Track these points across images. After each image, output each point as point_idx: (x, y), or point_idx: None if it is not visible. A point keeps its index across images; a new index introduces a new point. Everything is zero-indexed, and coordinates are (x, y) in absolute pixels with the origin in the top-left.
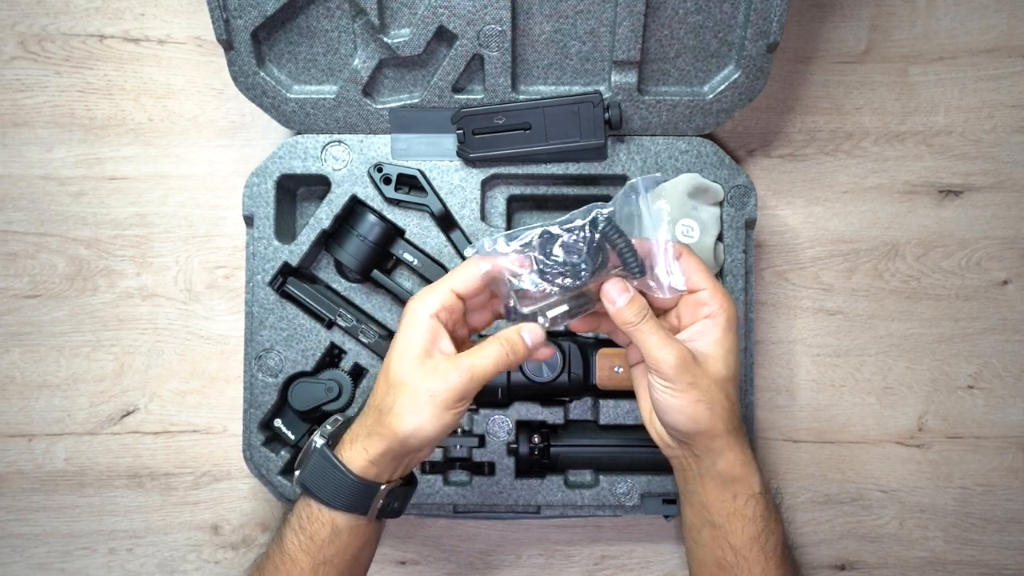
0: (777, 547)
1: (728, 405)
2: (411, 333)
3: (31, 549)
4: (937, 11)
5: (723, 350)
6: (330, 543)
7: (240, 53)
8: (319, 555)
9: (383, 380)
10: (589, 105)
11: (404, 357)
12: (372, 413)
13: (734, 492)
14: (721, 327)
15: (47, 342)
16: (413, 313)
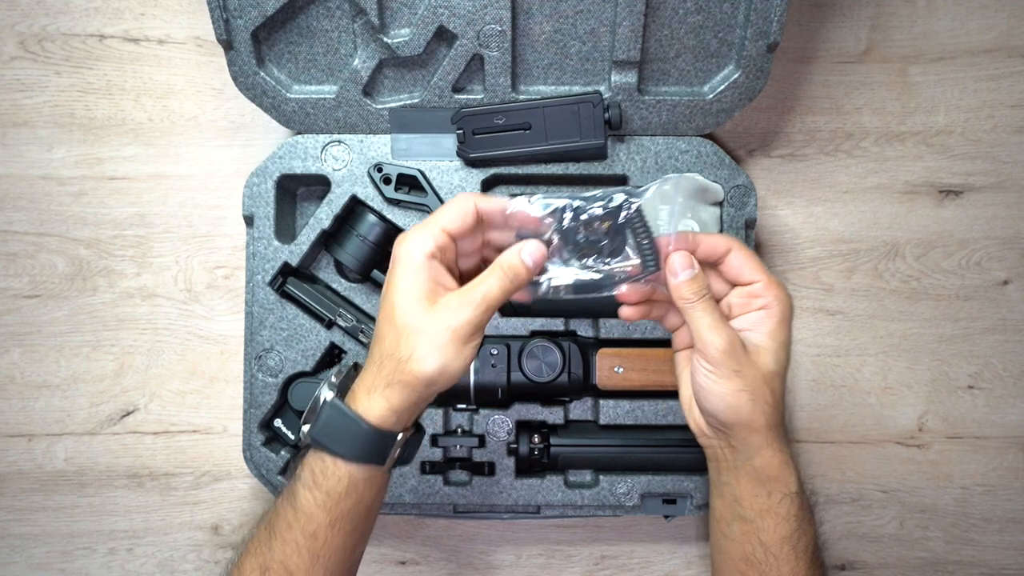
0: (808, 548)
1: (772, 400)
2: (411, 277)
3: (31, 549)
4: (937, 11)
5: (775, 343)
6: (347, 496)
7: (240, 53)
8: (335, 510)
9: (389, 329)
10: (589, 105)
11: (410, 302)
12: (388, 363)
13: (769, 489)
14: (775, 319)
15: (47, 342)
16: (409, 255)
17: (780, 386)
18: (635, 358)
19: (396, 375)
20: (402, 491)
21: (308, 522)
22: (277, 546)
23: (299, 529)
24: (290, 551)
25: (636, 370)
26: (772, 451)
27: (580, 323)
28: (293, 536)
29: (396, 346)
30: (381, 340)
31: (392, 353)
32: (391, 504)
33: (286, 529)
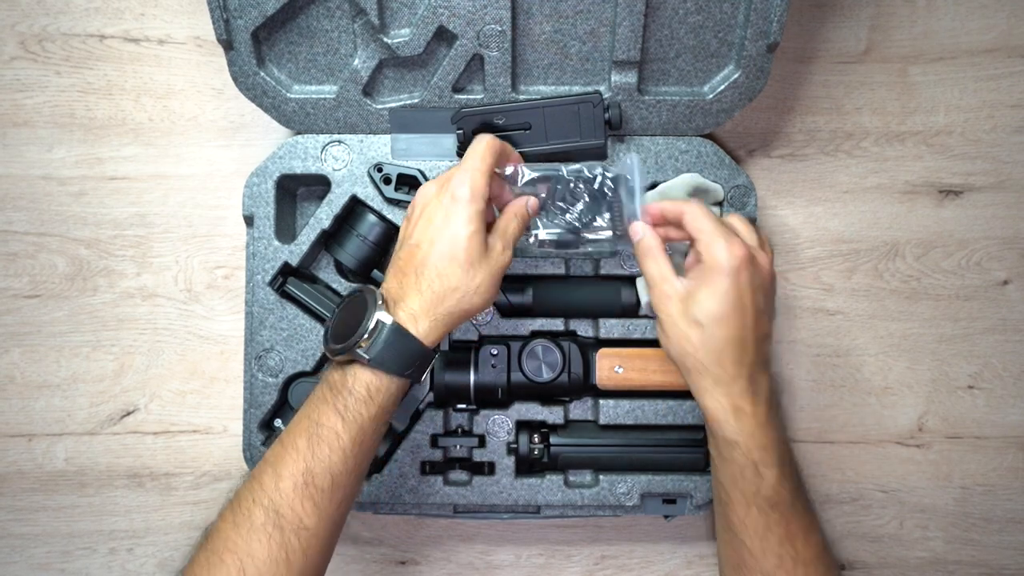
0: (757, 495)
1: (692, 348)
2: (477, 219)
3: (31, 549)
4: (937, 11)
5: (696, 293)
6: (391, 407)
7: (240, 53)
8: (381, 418)
9: (451, 264)
10: (589, 105)
11: (477, 242)
12: (451, 296)
13: (712, 431)
14: (706, 272)
15: (47, 342)
16: (474, 197)
17: (699, 334)
18: (635, 358)
19: (458, 305)
20: (402, 491)
21: (359, 432)
22: (323, 453)
23: (349, 439)
24: (337, 459)
25: (636, 370)
26: (712, 399)
27: (580, 323)
28: (342, 445)
29: (466, 284)
30: (444, 277)
31: (456, 287)
32: (391, 504)
33: (335, 439)
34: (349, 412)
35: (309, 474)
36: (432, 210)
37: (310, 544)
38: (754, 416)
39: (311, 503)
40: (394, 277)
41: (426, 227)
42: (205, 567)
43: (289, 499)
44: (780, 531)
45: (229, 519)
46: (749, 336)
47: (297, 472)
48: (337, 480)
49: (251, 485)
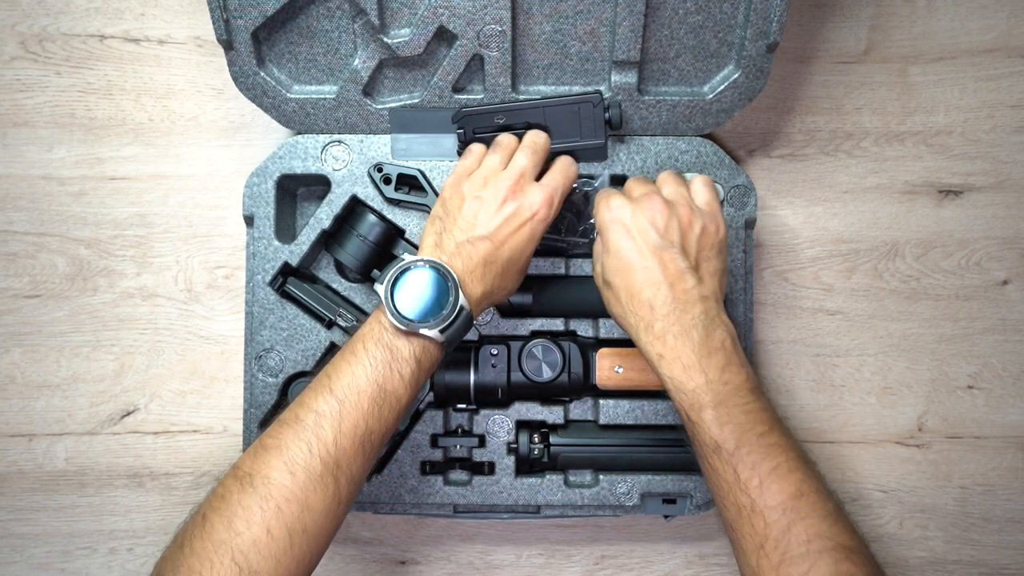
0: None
1: (615, 309)
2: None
3: (31, 549)
4: (937, 11)
5: (600, 260)
6: (433, 367)
7: (240, 53)
8: (423, 380)
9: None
10: (590, 105)
11: (522, 272)
12: (504, 288)
13: (678, 405)
14: (600, 237)
15: (47, 342)
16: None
17: (612, 293)
18: (635, 358)
19: (502, 296)
20: (402, 491)
21: (415, 394)
22: (384, 415)
23: (408, 401)
24: (393, 419)
25: (636, 370)
26: (642, 349)
27: (580, 323)
28: (401, 407)
29: (515, 285)
30: (503, 277)
31: (510, 289)
32: (391, 504)
33: (396, 402)
34: (404, 377)
35: (368, 432)
36: (511, 211)
37: (352, 491)
38: (676, 359)
39: (363, 456)
40: (457, 256)
41: (504, 227)
42: (259, 513)
43: (348, 454)
44: (729, 478)
45: (282, 467)
46: (654, 276)
47: (359, 432)
48: (388, 435)
49: (304, 436)
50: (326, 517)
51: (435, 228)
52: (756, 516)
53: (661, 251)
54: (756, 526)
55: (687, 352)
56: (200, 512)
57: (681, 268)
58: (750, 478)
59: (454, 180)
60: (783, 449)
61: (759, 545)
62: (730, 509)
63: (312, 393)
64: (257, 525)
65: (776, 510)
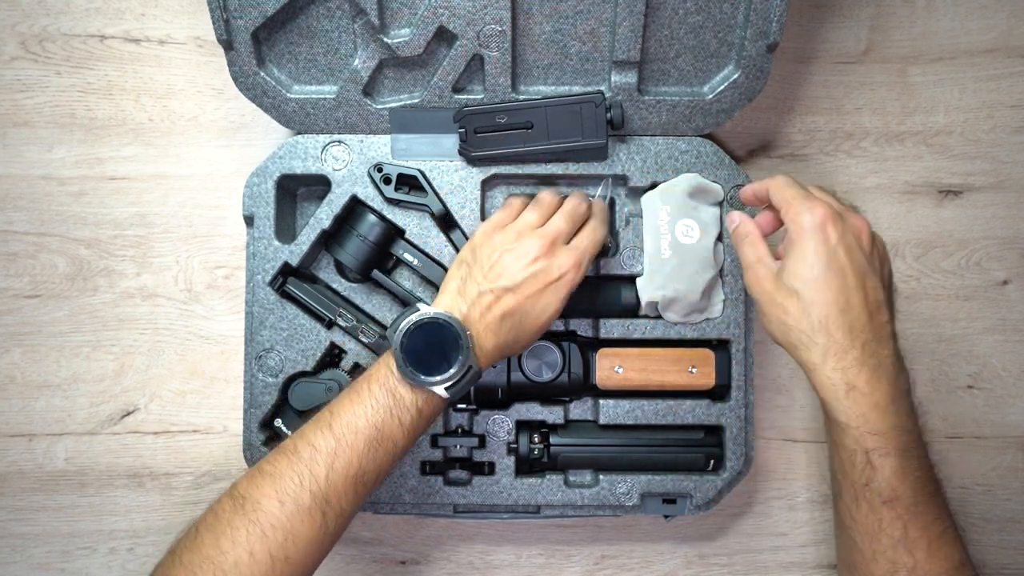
0: (868, 489)
1: (787, 320)
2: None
3: (31, 549)
4: (937, 11)
5: (787, 264)
6: (435, 416)
7: (240, 53)
8: (423, 429)
9: (528, 329)
10: (591, 105)
11: (542, 330)
12: (512, 346)
13: (825, 411)
14: (789, 241)
15: (47, 342)
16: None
17: (796, 304)
18: (635, 358)
19: (512, 354)
20: (402, 491)
21: (413, 440)
22: (379, 458)
23: (404, 447)
24: (387, 462)
25: (636, 370)
26: (822, 373)
27: (580, 323)
28: (396, 452)
29: (531, 342)
30: (519, 333)
31: (525, 345)
32: (391, 504)
33: (392, 447)
34: (403, 425)
35: (361, 472)
36: (539, 269)
37: (340, 525)
38: (870, 395)
39: (354, 493)
40: (476, 306)
41: (530, 283)
42: (244, 535)
43: (338, 490)
44: (896, 533)
45: (272, 495)
46: (856, 300)
47: (351, 471)
48: (381, 476)
49: (298, 468)
50: (310, 547)
51: (460, 273)
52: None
53: (865, 276)
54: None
55: (882, 390)
56: (195, 526)
57: (880, 299)
58: (919, 538)
59: (488, 229)
60: (949, 514)
61: None
62: (881, 564)
63: (313, 427)
64: (242, 547)
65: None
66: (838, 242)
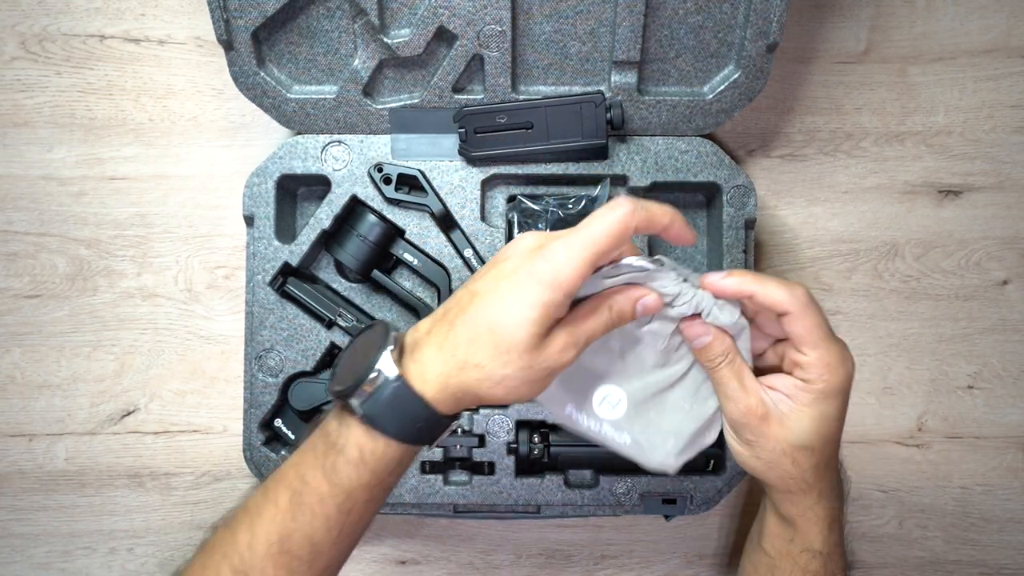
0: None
1: (794, 471)
2: (543, 308)
3: (31, 549)
4: (937, 11)
5: (807, 420)
6: (391, 475)
7: (240, 53)
8: (377, 488)
9: (489, 343)
10: (591, 105)
11: (528, 334)
12: (471, 370)
13: (791, 536)
14: (813, 395)
15: (47, 342)
16: (555, 285)
17: (807, 457)
18: None
19: (476, 386)
20: (402, 491)
21: (346, 500)
22: (304, 519)
23: (335, 506)
24: (319, 525)
25: None
26: (800, 509)
27: None
28: (326, 511)
29: (490, 366)
30: (473, 348)
31: (483, 368)
32: (391, 504)
33: (318, 503)
34: (337, 475)
35: (286, 539)
36: (512, 265)
37: None
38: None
39: (285, 571)
40: (433, 316)
41: (495, 280)
42: None
43: (261, 563)
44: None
45: (198, 568)
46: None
47: (272, 534)
48: (319, 549)
49: (224, 534)
50: None
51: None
52: None
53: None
54: None
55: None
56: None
57: None
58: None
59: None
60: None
61: None
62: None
63: (260, 486)
64: None
65: None
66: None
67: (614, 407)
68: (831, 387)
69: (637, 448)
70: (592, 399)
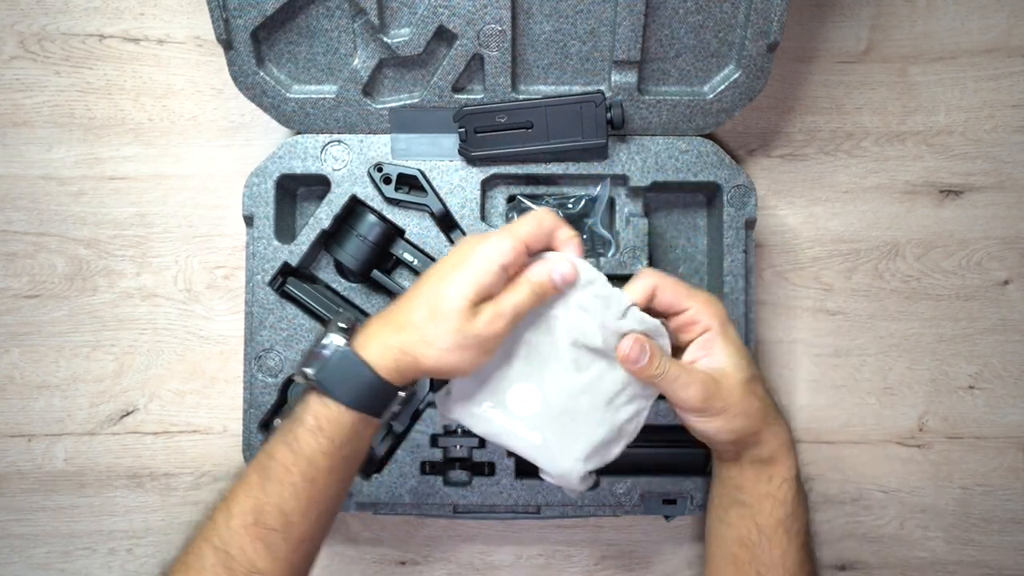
0: (800, 532)
1: (759, 404)
2: (474, 281)
3: (31, 549)
4: (937, 11)
5: (732, 355)
6: (348, 443)
7: (240, 53)
8: (336, 456)
9: (426, 310)
10: (591, 105)
11: (459, 300)
12: (410, 333)
13: (770, 474)
14: (719, 334)
15: (47, 342)
16: (486, 261)
17: (759, 384)
18: None
19: (413, 348)
20: (402, 491)
21: (308, 467)
22: (273, 489)
23: (299, 473)
24: (287, 494)
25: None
26: (776, 440)
27: None
28: (292, 479)
29: (425, 327)
30: (411, 311)
31: (419, 329)
32: (391, 504)
33: (284, 473)
34: (298, 443)
35: (259, 511)
36: (453, 254)
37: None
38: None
39: (262, 543)
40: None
41: (439, 266)
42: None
43: (239, 538)
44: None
45: (181, 557)
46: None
47: (247, 509)
48: (291, 519)
49: (204, 519)
50: None
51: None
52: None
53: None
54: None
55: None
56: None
57: None
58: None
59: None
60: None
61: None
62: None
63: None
64: None
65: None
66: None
67: (527, 404)
68: (722, 318)
69: (546, 450)
70: (507, 395)
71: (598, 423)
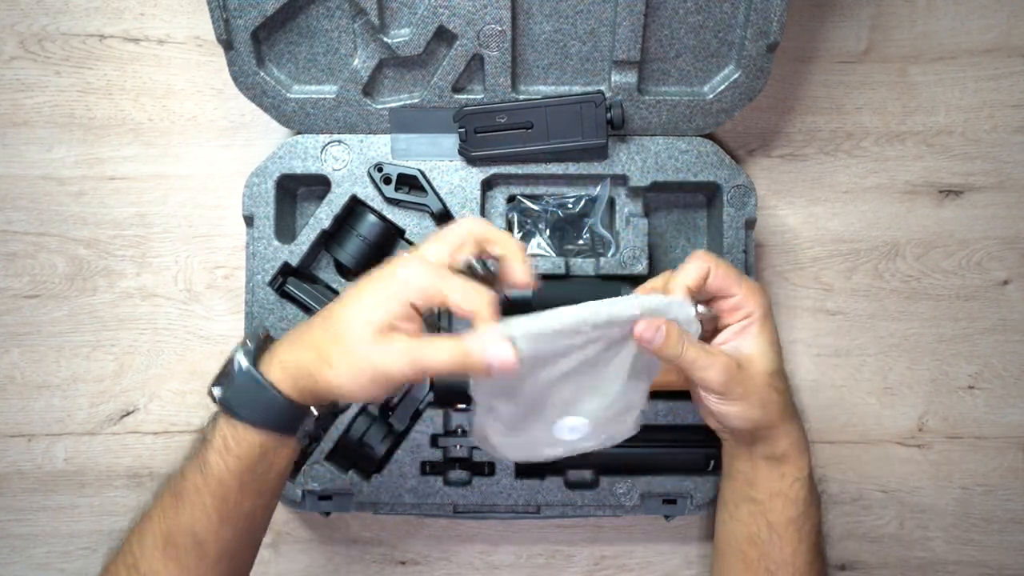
0: (812, 532)
1: (779, 398)
2: (383, 308)
3: (31, 549)
4: (937, 11)
5: (764, 345)
6: (258, 463)
7: (240, 53)
8: (246, 475)
9: (326, 331)
10: (592, 105)
11: (363, 324)
12: (311, 350)
13: (782, 472)
14: (758, 324)
15: (47, 342)
16: (405, 283)
17: (782, 381)
18: None
19: (311, 367)
20: (402, 491)
21: (218, 486)
22: (185, 511)
23: (208, 493)
24: (198, 515)
25: None
26: (790, 438)
27: None
28: (201, 500)
29: (325, 347)
30: (316, 330)
31: (318, 349)
32: (391, 504)
33: (194, 493)
34: (208, 466)
35: (169, 533)
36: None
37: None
38: (806, 443)
39: (175, 564)
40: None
41: (355, 287)
42: None
43: (149, 556)
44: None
45: (101, 571)
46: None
47: (158, 531)
48: (200, 538)
49: (122, 538)
50: None
51: None
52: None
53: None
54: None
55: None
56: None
57: None
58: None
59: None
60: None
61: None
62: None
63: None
64: None
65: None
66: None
67: (576, 429)
68: (765, 309)
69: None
70: (553, 428)
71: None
